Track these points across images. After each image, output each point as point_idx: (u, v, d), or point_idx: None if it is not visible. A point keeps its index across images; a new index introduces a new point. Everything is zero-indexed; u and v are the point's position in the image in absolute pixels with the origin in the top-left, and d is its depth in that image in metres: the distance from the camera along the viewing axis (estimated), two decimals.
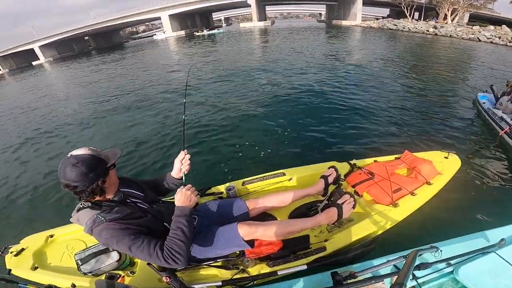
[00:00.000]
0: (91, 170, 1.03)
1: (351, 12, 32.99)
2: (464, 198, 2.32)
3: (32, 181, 3.86)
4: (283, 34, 22.49)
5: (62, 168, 1.02)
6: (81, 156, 1.04)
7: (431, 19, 29.28)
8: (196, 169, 3.09)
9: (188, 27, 43.97)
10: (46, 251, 1.91)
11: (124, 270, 1.58)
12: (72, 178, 1.01)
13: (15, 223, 3.06)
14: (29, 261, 1.80)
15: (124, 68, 14.54)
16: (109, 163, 1.11)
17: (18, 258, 1.84)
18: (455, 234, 1.34)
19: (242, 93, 6.32)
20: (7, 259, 1.85)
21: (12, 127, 7.36)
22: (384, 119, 4.07)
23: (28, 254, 1.85)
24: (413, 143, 3.22)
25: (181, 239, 1.09)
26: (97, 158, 1.07)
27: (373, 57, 10.03)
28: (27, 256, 1.83)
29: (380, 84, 6.11)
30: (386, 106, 4.63)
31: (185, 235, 1.11)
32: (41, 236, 1.99)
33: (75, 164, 1.01)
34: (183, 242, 1.09)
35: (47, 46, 43.61)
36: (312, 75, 7.61)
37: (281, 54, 11.74)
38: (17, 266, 1.76)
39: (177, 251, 1.07)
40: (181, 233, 1.11)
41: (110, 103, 7.60)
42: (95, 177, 1.05)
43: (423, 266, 1.00)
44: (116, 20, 40.87)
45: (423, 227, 1.96)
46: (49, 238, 1.99)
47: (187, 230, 1.13)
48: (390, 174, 1.76)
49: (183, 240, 1.10)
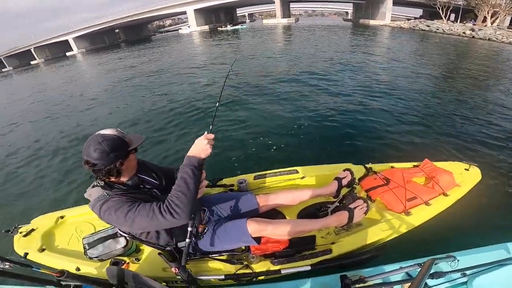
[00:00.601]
0: (112, 150, 1.05)
1: (380, 12, 31.62)
2: (483, 210, 2.22)
3: (52, 160, 4.14)
4: (307, 31, 22.11)
5: (87, 145, 1.06)
6: (107, 135, 1.07)
7: (468, 21, 27.33)
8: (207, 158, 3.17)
9: (212, 22, 44.57)
10: (55, 232, 1.92)
11: (130, 257, 1.60)
12: (93, 156, 1.04)
13: (29, 202, 3.20)
14: (37, 243, 1.80)
15: (150, 60, 15.11)
16: (131, 147, 1.13)
17: (27, 239, 1.84)
18: (471, 245, 1.30)
19: (260, 88, 6.35)
20: (15, 240, 1.87)
21: (42, 111, 7.96)
22: (406, 124, 3.91)
23: (37, 235, 1.86)
24: (434, 152, 3.08)
25: (181, 190, 1.00)
26: (121, 140, 1.10)
27: (401, 58, 9.59)
28: (36, 237, 1.84)
29: (406, 87, 5.84)
30: (410, 110, 4.42)
31: (187, 186, 1.01)
32: (51, 216, 2.01)
33: (100, 142, 1.04)
34: (184, 194, 1.00)
35: (80, 38, 46.25)
36: (334, 73, 7.44)
37: (303, 51, 11.57)
38: (25, 248, 1.76)
39: (176, 203, 0.99)
40: (183, 183, 1.01)
41: (137, 92, 7.99)
42: (115, 158, 1.06)
43: (437, 275, 0.98)
44: (144, 14, 42.34)
45: (438, 235, 1.89)
46: (59, 219, 2.00)
47: (191, 181, 1.02)
48: (406, 182, 1.71)
49: (184, 191, 1.00)
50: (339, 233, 1.60)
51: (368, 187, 1.80)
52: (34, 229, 1.91)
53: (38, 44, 47.49)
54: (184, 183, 1.01)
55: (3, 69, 48.71)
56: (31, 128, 6.50)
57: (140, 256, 1.58)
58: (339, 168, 1.89)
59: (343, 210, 1.56)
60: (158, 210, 1.00)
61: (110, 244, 1.58)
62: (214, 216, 1.56)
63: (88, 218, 1.94)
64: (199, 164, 1.06)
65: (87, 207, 1.89)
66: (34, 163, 4.23)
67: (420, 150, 3.07)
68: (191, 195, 1.02)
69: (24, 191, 3.47)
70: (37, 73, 24.66)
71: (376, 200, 1.74)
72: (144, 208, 1.02)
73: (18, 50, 49.66)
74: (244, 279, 1.40)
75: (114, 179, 1.14)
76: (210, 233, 1.41)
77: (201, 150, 1.07)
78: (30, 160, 4.38)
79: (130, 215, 1.02)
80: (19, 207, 3.14)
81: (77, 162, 3.83)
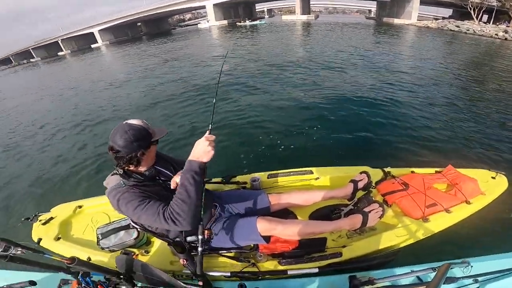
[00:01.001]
0: (136, 139, 1.10)
1: (406, 11, 30.20)
2: (504, 218, 2.11)
3: (75, 150, 4.33)
4: (327, 28, 21.58)
5: (114, 132, 1.11)
6: (133, 125, 1.12)
7: (502, 22, 25.55)
8: (222, 154, 3.20)
9: (231, 17, 44.60)
10: (72, 221, 1.98)
11: (140, 249, 1.63)
12: (118, 143, 1.09)
13: (53, 190, 3.35)
14: (54, 231, 1.85)
15: (170, 53, 15.47)
16: (154, 138, 1.17)
17: (45, 227, 1.90)
18: (487, 252, 1.25)
19: (278, 85, 6.31)
20: (34, 227, 1.92)
21: (68, 100, 8.38)
22: (430, 127, 3.73)
23: (55, 223, 1.91)
24: (459, 158, 2.93)
25: (182, 198, 0.99)
26: (146, 131, 1.14)
27: (427, 58, 9.14)
28: (54, 226, 1.89)
29: (431, 89, 5.57)
30: (435, 113, 4.22)
31: (188, 194, 0.98)
32: (70, 206, 2.08)
33: (126, 131, 1.09)
34: (184, 202, 0.98)
35: (105, 31, 47.97)
36: (354, 71, 7.26)
37: (323, 49, 11.33)
38: (42, 235, 1.81)
39: (177, 211, 0.98)
40: (183, 191, 0.99)
41: (156, 82, 8.27)
42: (138, 147, 1.11)
43: (449, 280, 0.96)
44: (165, 8, 43.05)
45: (453, 240, 1.82)
46: (77, 208, 2.06)
47: (192, 188, 0.98)
48: (427, 188, 1.64)
49: (184, 199, 0.98)
50: (351, 237, 1.56)
51: (385, 191, 1.75)
52: (53, 217, 1.97)
53: (65, 36, 49.79)
54: (184, 191, 0.98)
55: (32, 59, 51.79)
56: (58, 115, 6.87)
57: (150, 249, 1.62)
58: (356, 170, 1.84)
59: (357, 213, 1.52)
60: (162, 214, 1.01)
61: (122, 235, 1.62)
62: (225, 212, 1.57)
63: (104, 209, 1.99)
64: (201, 168, 1.01)
65: (104, 198, 1.98)
66: (60, 151, 4.46)
67: (444, 156, 2.93)
68: (193, 203, 0.99)
69: (49, 178, 3.65)
70: (64, 63, 25.96)
71: (392, 205, 1.68)
72: (152, 207, 1.04)
73: (45, 42, 52.36)
74: (250, 277, 1.39)
75: (133, 168, 1.18)
76: (220, 230, 1.42)
77: (202, 153, 1.00)
78: (56, 148, 4.63)
79: (138, 210, 1.05)
80: (44, 195, 3.30)
81: (100, 152, 3.98)
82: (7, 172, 4.11)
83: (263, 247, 1.49)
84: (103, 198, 2.02)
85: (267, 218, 1.40)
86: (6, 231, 2.77)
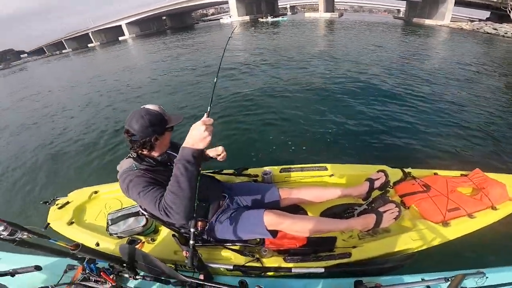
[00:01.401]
0: (152, 124, 1.10)
1: (439, 11, 28.48)
2: None
3: (97, 137, 4.51)
4: (351, 27, 20.89)
5: (131, 116, 1.13)
6: (150, 110, 1.13)
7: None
8: (234, 146, 3.22)
9: (253, 12, 44.48)
10: (86, 207, 2.02)
11: (147, 236, 1.64)
12: (134, 127, 1.10)
13: (73, 175, 3.48)
14: (68, 216, 1.88)
15: (193, 46, 15.79)
16: (169, 125, 1.17)
17: (60, 211, 1.94)
18: (505, 263, 1.15)
19: (296, 80, 6.22)
20: (50, 211, 1.97)
21: (94, 89, 8.82)
22: (458, 128, 3.49)
23: (70, 208, 1.95)
24: (487, 162, 2.72)
25: (173, 190, 0.92)
26: (161, 117, 1.14)
27: (459, 60, 8.54)
28: (69, 210, 1.93)
29: (460, 90, 5.20)
30: (463, 116, 3.93)
31: (179, 185, 0.90)
32: (86, 191, 2.12)
33: (142, 116, 1.10)
34: (175, 194, 0.91)
35: (132, 24, 49.90)
36: (377, 69, 6.98)
37: (345, 46, 11.02)
38: (57, 219, 1.86)
39: (168, 204, 0.93)
40: (174, 182, 0.91)
41: (177, 73, 8.57)
42: (152, 132, 1.11)
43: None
44: (190, 1, 43.79)
45: (470, 248, 1.69)
46: (93, 194, 2.10)
47: (184, 179, 0.90)
48: (450, 191, 1.54)
49: (175, 191, 0.91)
50: (363, 238, 1.48)
51: (403, 192, 1.66)
52: (69, 202, 2.02)
53: (95, 28, 52.31)
54: (175, 182, 0.91)
55: (63, 50, 55.05)
56: (83, 102, 7.26)
57: (156, 237, 1.62)
58: (373, 169, 1.76)
59: (370, 213, 1.44)
60: (158, 204, 0.97)
61: (131, 222, 1.63)
62: (233, 204, 1.55)
63: (118, 195, 2.01)
64: (195, 156, 0.89)
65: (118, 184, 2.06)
66: (82, 137, 4.67)
67: (471, 159, 2.73)
68: (185, 195, 0.91)
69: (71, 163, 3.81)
70: (94, 54, 27.33)
71: (410, 207, 1.59)
72: (152, 195, 1.01)
73: (77, 34, 55.36)
74: (253, 272, 1.36)
75: (146, 152, 1.19)
76: (227, 221, 1.40)
77: (197, 139, 0.88)
78: (79, 135, 4.85)
79: (140, 195, 1.05)
80: (64, 180, 3.44)
81: (120, 140, 4.11)
82: (33, 155, 4.33)
83: (269, 242, 1.46)
84: (118, 184, 2.08)
85: (275, 211, 1.36)
86: (24, 214, 2.89)
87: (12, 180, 3.67)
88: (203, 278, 1.10)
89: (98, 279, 1.09)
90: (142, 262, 1.08)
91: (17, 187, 3.45)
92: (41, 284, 1.10)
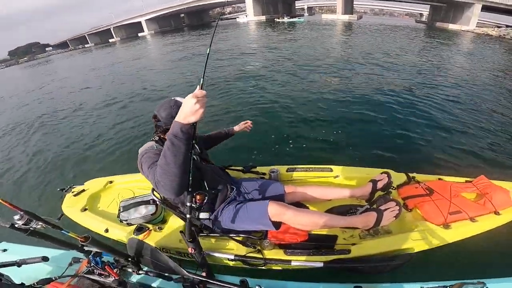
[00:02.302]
0: (176, 114, 1.22)
1: (464, 16, 27.28)
2: None
3: (115, 129, 4.65)
4: (369, 30, 20.42)
5: (161, 104, 1.28)
6: (178, 102, 1.27)
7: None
8: (243, 144, 3.27)
9: (269, 12, 44.39)
10: (101, 195, 2.10)
11: (154, 225, 1.69)
12: (161, 114, 1.27)
13: (91, 165, 3.61)
14: (82, 203, 1.95)
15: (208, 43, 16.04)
16: None
17: (76, 198, 2.01)
18: (507, 273, 1.14)
19: (308, 81, 6.22)
20: (66, 198, 2.05)
21: (115, 82, 9.23)
22: (467, 135, 3.40)
23: (85, 196, 2.02)
24: (494, 170, 2.64)
25: (159, 164, 0.92)
26: None
27: (480, 66, 8.20)
28: (83, 198, 2.00)
29: (474, 97, 4.96)
30: (471, 122, 3.80)
31: (166, 159, 0.89)
32: (102, 181, 2.21)
33: (171, 106, 1.26)
34: (161, 168, 0.91)
35: (151, 20, 51.09)
36: (389, 73, 6.86)
37: (360, 49, 10.79)
38: (71, 206, 1.94)
39: (157, 177, 0.95)
40: (162, 156, 0.91)
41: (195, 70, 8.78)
42: None
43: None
44: (207, 0, 44.27)
45: (471, 255, 1.66)
46: (108, 183, 2.18)
47: (170, 154, 0.87)
48: (453, 195, 1.54)
49: (162, 164, 0.91)
50: (364, 238, 1.50)
51: (406, 195, 1.67)
52: (85, 190, 2.10)
53: (117, 24, 54.03)
54: (163, 156, 0.90)
55: (86, 45, 57.30)
56: (104, 95, 7.61)
57: (163, 226, 1.67)
58: (378, 172, 1.78)
59: (371, 211, 1.45)
60: (154, 176, 0.97)
61: (141, 210, 1.69)
62: (240, 197, 1.61)
63: (132, 186, 2.11)
64: (183, 131, 0.85)
65: (134, 176, 2.17)
66: (102, 129, 4.85)
67: (478, 166, 2.66)
68: (171, 170, 0.90)
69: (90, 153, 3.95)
70: (115, 49, 28.32)
71: (413, 210, 1.60)
72: (155, 170, 1.01)
73: (100, 29, 57.40)
74: (253, 263, 1.39)
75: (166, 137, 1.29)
76: (232, 211, 1.45)
77: (189, 112, 0.83)
78: (99, 126, 5.06)
79: (149, 170, 1.11)
80: (82, 168, 3.57)
81: (137, 134, 4.22)
82: (54, 144, 4.55)
83: (272, 235, 1.50)
84: (133, 176, 2.19)
85: (279, 202, 1.40)
86: (41, 199, 3.04)
87: (35, 167, 3.85)
88: (205, 275, 1.12)
89: (102, 273, 1.10)
90: (149, 257, 1.10)
91: (37, 175, 3.61)
92: (45, 276, 1.11)
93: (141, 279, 1.21)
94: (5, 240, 1.47)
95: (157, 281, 1.19)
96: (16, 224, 0.83)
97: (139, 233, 1.61)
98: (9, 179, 3.63)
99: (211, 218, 1.45)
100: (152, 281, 1.20)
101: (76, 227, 1.84)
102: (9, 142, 5.09)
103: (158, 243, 1.57)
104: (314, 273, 1.36)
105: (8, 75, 26.87)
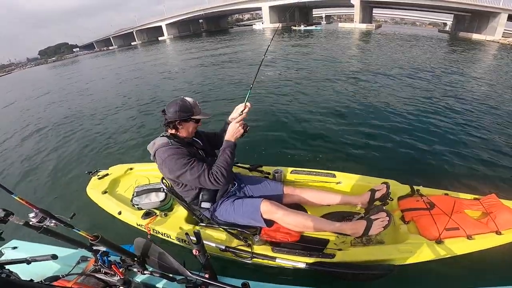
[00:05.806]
0: (180, 110, 1.40)
1: (489, 26, 26.21)
2: None
3: (140, 121, 5.05)
4: (387, 39, 20.04)
5: (171, 101, 1.45)
6: (185, 100, 1.43)
7: None
8: (251, 145, 3.34)
9: (286, 20, 44.69)
10: (121, 180, 2.28)
11: (161, 212, 1.81)
12: (168, 109, 1.42)
13: (118, 151, 3.87)
14: (104, 186, 2.12)
15: (226, 49, 16.41)
16: (193, 116, 1.44)
17: (99, 181, 2.21)
18: None
19: (321, 89, 6.19)
20: (92, 180, 2.25)
21: (137, 82, 9.68)
22: (483, 151, 3.20)
23: (107, 179, 2.24)
24: (510, 189, 2.44)
25: (225, 167, 1.35)
26: (190, 108, 1.42)
27: (502, 77, 7.81)
28: (106, 181, 2.21)
29: (494, 114, 4.69)
30: (494, 138, 3.54)
31: (228, 164, 1.37)
32: (124, 167, 2.40)
33: (178, 102, 1.41)
34: (225, 169, 1.35)
35: (171, 25, 52.91)
36: (404, 81, 6.69)
37: (376, 59, 10.61)
38: (94, 188, 2.13)
39: (222, 175, 1.33)
40: (225, 163, 1.36)
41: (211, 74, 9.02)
42: (178, 116, 1.40)
43: None
44: (225, 6, 45.20)
45: (461, 274, 1.54)
46: (129, 170, 2.37)
47: (230, 160, 1.38)
48: (455, 211, 1.47)
49: (226, 167, 1.35)
50: (355, 245, 1.49)
51: (405, 207, 1.63)
52: (108, 174, 2.31)
53: (139, 28, 56.47)
54: (226, 162, 1.37)
55: (110, 47, 60.21)
56: (127, 90, 8.19)
57: (169, 214, 1.79)
58: (380, 182, 1.76)
59: (362, 219, 1.46)
60: (207, 174, 1.33)
61: (152, 196, 1.85)
62: (240, 192, 1.68)
63: (148, 174, 2.28)
64: (234, 144, 1.41)
65: (151, 164, 2.28)
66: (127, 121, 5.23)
67: (493, 185, 2.48)
68: (230, 169, 1.40)
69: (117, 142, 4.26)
70: (136, 52, 29.60)
71: (410, 223, 1.55)
72: (198, 166, 1.34)
73: (123, 32, 60.17)
74: (241, 255, 1.47)
75: (174, 132, 1.47)
76: (229, 204, 1.54)
77: (234, 133, 1.40)
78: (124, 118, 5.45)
79: (185, 167, 1.33)
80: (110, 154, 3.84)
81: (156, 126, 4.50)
82: (87, 133, 4.93)
83: (264, 233, 1.54)
84: (150, 164, 2.34)
85: (271, 201, 1.47)
86: (70, 178, 3.28)
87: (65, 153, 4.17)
88: (208, 277, 1.15)
89: (108, 272, 1.14)
90: (155, 258, 1.13)
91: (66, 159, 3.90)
92: (53, 273, 1.12)
93: (145, 279, 1.24)
94: (15, 238, 1.53)
95: (161, 282, 1.21)
96: (31, 221, 0.84)
97: (147, 218, 1.76)
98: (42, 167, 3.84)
99: (210, 209, 1.56)
100: (156, 282, 1.22)
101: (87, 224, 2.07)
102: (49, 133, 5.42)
103: (160, 228, 1.69)
104: (316, 277, 1.39)
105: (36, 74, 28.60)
